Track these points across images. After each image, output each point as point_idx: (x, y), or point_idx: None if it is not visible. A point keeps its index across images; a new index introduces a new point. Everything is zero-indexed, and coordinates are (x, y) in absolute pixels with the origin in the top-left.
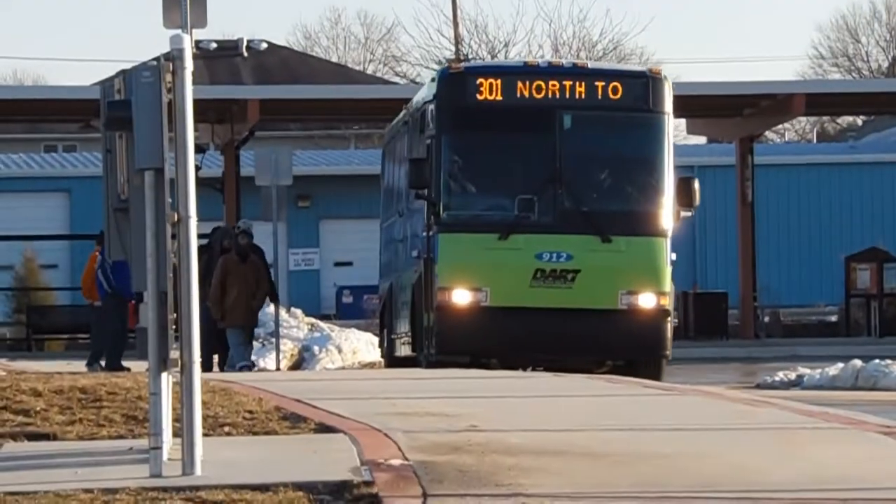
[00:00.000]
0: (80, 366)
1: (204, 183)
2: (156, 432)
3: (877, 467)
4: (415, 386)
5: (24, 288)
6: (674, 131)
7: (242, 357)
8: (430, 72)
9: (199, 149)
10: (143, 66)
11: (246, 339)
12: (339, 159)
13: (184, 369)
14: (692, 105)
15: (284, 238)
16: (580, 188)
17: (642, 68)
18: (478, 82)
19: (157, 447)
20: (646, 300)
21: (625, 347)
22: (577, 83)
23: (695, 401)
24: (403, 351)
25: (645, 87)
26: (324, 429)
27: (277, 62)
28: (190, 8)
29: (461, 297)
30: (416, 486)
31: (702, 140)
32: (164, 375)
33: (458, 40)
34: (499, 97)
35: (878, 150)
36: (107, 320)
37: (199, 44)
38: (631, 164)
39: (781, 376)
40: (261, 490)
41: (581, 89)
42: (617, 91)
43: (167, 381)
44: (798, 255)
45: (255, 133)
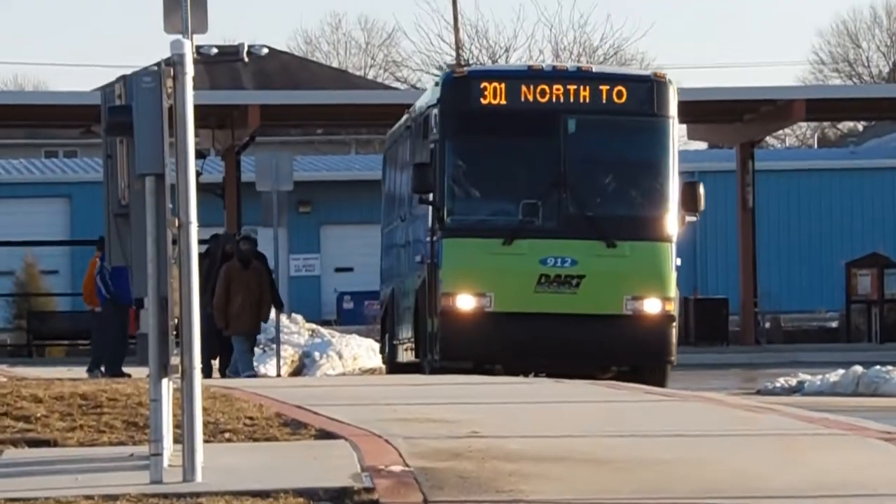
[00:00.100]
0: (80, 372)
1: (204, 188)
2: (156, 438)
3: (877, 473)
4: (415, 392)
5: (24, 294)
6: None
7: (248, 366)
8: (430, 77)
9: (200, 154)
10: (144, 71)
11: (250, 346)
12: (339, 165)
13: (184, 375)
14: (693, 110)
15: (285, 244)
16: (585, 193)
17: (647, 72)
18: (482, 86)
19: (157, 453)
20: (651, 306)
21: (629, 353)
22: (582, 87)
23: (696, 407)
24: (406, 357)
25: (650, 91)
26: (324, 435)
27: (278, 67)
28: (191, 13)
29: (465, 302)
30: (417, 492)
31: (702, 146)
32: (165, 381)
33: (458, 45)
34: (503, 101)
35: (878, 156)
36: (107, 326)
37: (199, 49)
38: (636, 168)
39: (782, 382)
40: (261, 496)
41: (585, 93)
42: (621, 95)
43: (168, 387)
44: (799, 260)
45: (256, 138)
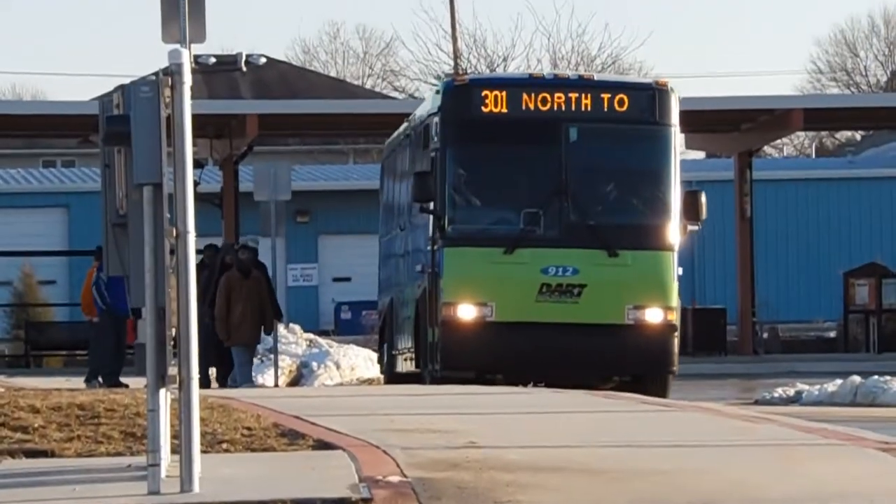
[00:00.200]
0: (78, 382)
1: (202, 198)
2: (154, 449)
3: (875, 484)
4: (413, 402)
5: (22, 304)
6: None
7: (246, 378)
8: (428, 86)
9: (198, 164)
10: (142, 80)
11: (250, 358)
12: (337, 174)
13: (182, 386)
14: (691, 120)
15: (283, 253)
16: (586, 201)
17: (649, 80)
18: (483, 94)
19: (155, 464)
20: (653, 315)
21: (631, 363)
22: (583, 95)
23: (693, 417)
24: (405, 367)
25: (651, 99)
26: (322, 445)
27: (276, 77)
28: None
29: (466, 311)
30: (414, 502)
31: (700, 155)
32: (163, 392)
33: (456, 55)
34: (504, 109)
35: (876, 165)
36: (104, 337)
37: (197, 58)
38: (637, 177)
39: (780, 392)
40: None
41: (587, 101)
42: (623, 103)
43: (165, 397)
44: (797, 270)
45: (254, 148)
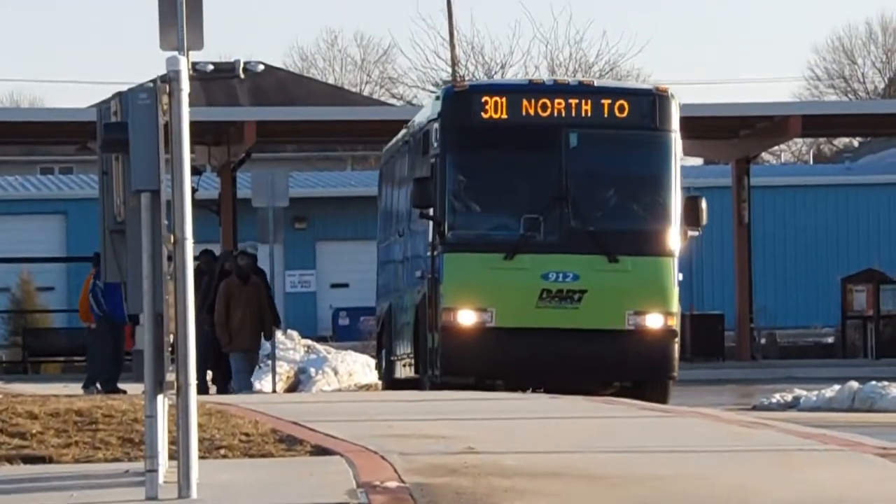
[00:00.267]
0: (76, 388)
1: (200, 205)
2: (152, 455)
3: (874, 489)
4: (411, 408)
5: (20, 310)
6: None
7: (244, 384)
8: (426, 93)
9: (196, 171)
10: (140, 88)
11: (248, 364)
12: (335, 181)
13: (180, 391)
14: (688, 126)
15: (281, 260)
16: (586, 207)
17: (649, 86)
18: (483, 100)
19: (153, 470)
20: (653, 321)
21: (632, 368)
22: (583, 101)
23: (692, 423)
24: (404, 373)
25: (652, 105)
26: (320, 451)
27: (274, 84)
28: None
29: (466, 317)
30: None
31: (698, 161)
32: (161, 398)
33: (454, 62)
34: (504, 115)
35: (874, 172)
36: (102, 343)
37: (195, 66)
38: (638, 182)
39: (778, 398)
40: None
41: (587, 107)
42: (623, 109)
43: (163, 403)
44: (794, 276)
45: (252, 155)
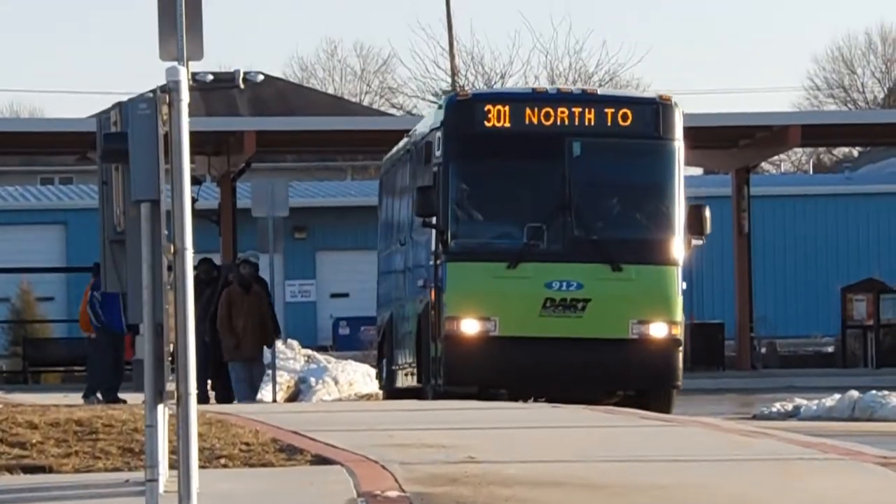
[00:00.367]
0: (76, 398)
1: (200, 215)
2: (152, 464)
3: (874, 498)
4: (412, 417)
5: (20, 320)
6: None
7: (243, 394)
8: (426, 103)
9: (196, 181)
10: (140, 98)
11: (248, 373)
12: (335, 191)
13: (180, 401)
14: (688, 136)
15: (281, 269)
16: (590, 216)
17: (652, 95)
18: (486, 109)
19: (153, 479)
20: (657, 329)
21: (636, 377)
22: (587, 110)
23: (693, 432)
24: (405, 382)
25: (655, 113)
26: (320, 461)
27: (274, 94)
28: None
29: (470, 326)
30: None
31: (698, 171)
32: (161, 407)
33: (454, 72)
34: (507, 124)
35: (873, 181)
36: (102, 353)
37: (195, 76)
38: (641, 191)
39: (778, 407)
40: None
41: (590, 116)
42: (627, 118)
43: (163, 413)
44: (794, 285)
45: (252, 165)
